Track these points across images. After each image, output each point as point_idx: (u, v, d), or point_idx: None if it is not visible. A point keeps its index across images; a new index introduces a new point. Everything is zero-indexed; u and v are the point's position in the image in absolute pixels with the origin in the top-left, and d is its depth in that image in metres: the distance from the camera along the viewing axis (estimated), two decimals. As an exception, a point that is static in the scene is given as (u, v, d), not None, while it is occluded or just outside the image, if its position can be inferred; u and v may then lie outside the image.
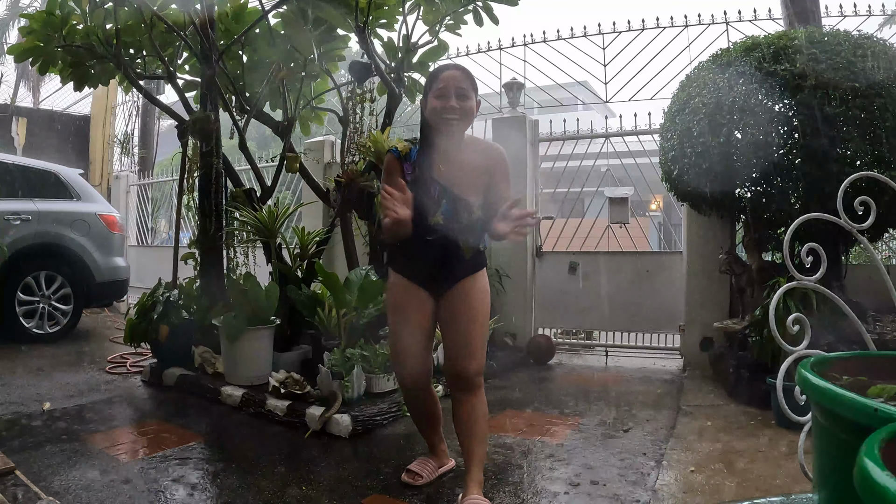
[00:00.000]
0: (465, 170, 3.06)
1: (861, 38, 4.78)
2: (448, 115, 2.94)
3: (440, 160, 3.06)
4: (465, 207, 3.04)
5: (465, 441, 3.07)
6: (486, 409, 3.11)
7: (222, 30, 6.04)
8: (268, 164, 8.32)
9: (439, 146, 3.06)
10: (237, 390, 4.79)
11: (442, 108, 2.94)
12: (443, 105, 2.94)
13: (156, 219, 12.55)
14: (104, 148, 13.28)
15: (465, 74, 3.01)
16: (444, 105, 2.94)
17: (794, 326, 1.69)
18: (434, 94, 2.99)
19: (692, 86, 5.17)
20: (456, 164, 3.05)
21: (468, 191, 3.05)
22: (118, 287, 8.34)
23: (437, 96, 2.97)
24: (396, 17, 5.83)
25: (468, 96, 2.99)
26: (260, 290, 5.07)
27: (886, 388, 0.91)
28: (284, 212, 5.59)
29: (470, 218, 3.05)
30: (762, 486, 3.26)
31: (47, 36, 5.87)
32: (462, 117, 2.98)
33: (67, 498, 3.04)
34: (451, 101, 2.94)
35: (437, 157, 3.06)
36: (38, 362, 6.25)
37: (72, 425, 4.26)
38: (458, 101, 2.95)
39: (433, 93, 3.00)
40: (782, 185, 4.71)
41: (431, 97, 3.01)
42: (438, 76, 3.01)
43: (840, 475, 0.72)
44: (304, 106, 6.36)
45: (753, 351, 4.76)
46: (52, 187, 7.89)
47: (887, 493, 0.46)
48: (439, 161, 3.06)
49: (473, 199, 3.06)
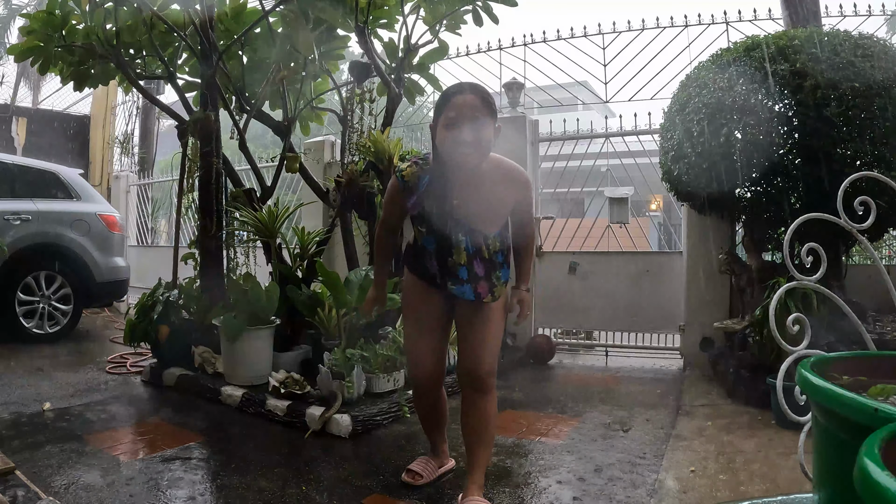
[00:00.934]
0: (484, 199, 2.78)
1: (861, 38, 4.78)
2: (461, 150, 2.63)
3: (454, 189, 2.77)
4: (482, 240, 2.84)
5: (470, 443, 3.00)
6: (495, 413, 3.03)
7: (222, 30, 6.04)
8: (268, 165, 8.32)
9: (453, 177, 2.77)
10: (237, 390, 4.79)
11: (454, 142, 2.63)
12: (454, 138, 2.62)
13: (156, 219, 12.54)
14: (104, 148, 13.27)
15: (482, 101, 2.66)
16: (455, 138, 2.62)
17: (794, 326, 1.69)
18: (445, 123, 2.66)
19: (692, 86, 5.17)
20: (473, 193, 2.77)
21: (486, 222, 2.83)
22: (118, 287, 8.33)
23: (447, 125, 2.65)
24: (396, 18, 5.83)
25: (485, 126, 2.64)
26: (260, 290, 5.07)
27: (886, 387, 0.91)
28: (284, 212, 5.59)
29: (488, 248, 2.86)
30: (762, 486, 3.26)
31: (47, 36, 5.87)
32: (477, 151, 2.65)
33: (67, 498, 3.05)
34: (464, 133, 2.61)
35: (450, 188, 2.77)
36: (38, 362, 6.25)
37: (72, 425, 4.26)
38: (473, 134, 2.61)
39: (444, 120, 2.67)
40: (782, 185, 4.70)
41: (442, 125, 2.68)
42: (449, 101, 2.67)
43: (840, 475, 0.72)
44: (305, 106, 6.36)
45: (753, 351, 4.76)
46: (52, 187, 7.89)
47: (887, 493, 0.46)
48: (454, 191, 2.77)
49: (491, 231, 2.85)
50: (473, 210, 2.79)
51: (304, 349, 5.36)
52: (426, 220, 2.86)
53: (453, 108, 2.64)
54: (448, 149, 2.67)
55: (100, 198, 8.63)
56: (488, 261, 2.87)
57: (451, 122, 2.63)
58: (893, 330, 4.55)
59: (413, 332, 3.13)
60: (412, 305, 3.11)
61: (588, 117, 7.42)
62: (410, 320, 3.14)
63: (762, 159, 4.60)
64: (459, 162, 2.68)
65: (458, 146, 2.63)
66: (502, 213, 2.87)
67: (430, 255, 2.92)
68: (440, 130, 2.70)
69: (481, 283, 2.87)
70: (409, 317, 3.15)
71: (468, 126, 2.61)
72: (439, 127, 2.70)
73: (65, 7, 5.73)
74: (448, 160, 2.72)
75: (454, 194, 2.77)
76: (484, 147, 2.66)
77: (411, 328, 3.14)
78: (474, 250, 2.84)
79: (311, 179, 6.32)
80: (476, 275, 2.86)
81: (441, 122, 2.69)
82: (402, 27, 5.79)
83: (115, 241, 8.22)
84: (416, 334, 3.11)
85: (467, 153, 2.64)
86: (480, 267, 2.86)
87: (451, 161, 2.71)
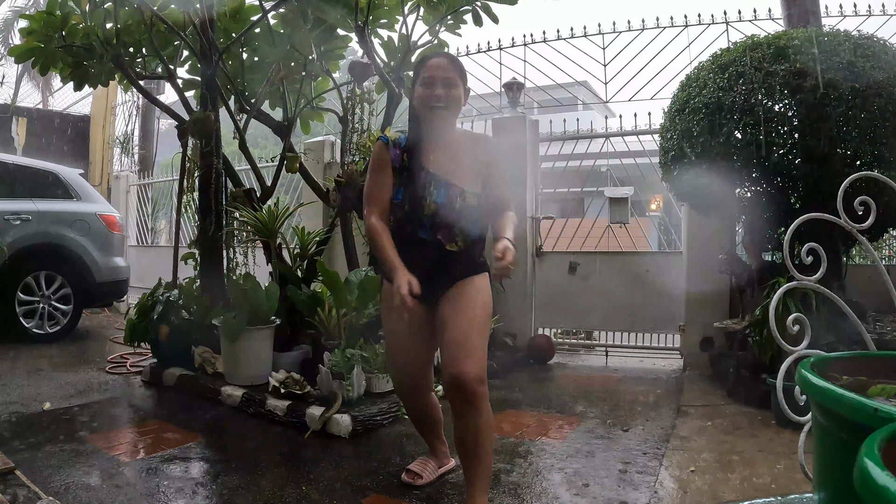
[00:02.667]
0: (456, 158, 2.99)
1: (861, 38, 4.78)
2: (434, 104, 2.89)
3: (429, 149, 2.99)
4: (457, 194, 2.92)
5: (465, 462, 2.82)
6: (490, 425, 2.83)
7: (222, 29, 6.04)
8: (268, 165, 8.32)
9: (428, 135, 3.00)
10: (237, 390, 4.78)
11: (428, 96, 2.90)
12: (428, 94, 2.90)
13: (156, 219, 12.55)
14: (104, 148, 13.28)
15: (452, 62, 2.98)
16: (429, 94, 2.89)
17: (794, 326, 1.69)
18: (421, 83, 2.94)
19: (692, 86, 5.17)
20: (445, 153, 2.99)
21: (460, 178, 2.95)
22: (118, 287, 8.34)
23: (423, 84, 2.93)
24: (396, 18, 5.83)
25: (455, 84, 2.93)
26: (260, 290, 5.07)
27: (886, 387, 0.91)
28: (284, 212, 5.59)
29: (464, 204, 2.92)
30: (762, 486, 3.26)
31: (47, 36, 5.87)
32: (448, 106, 2.92)
33: (67, 498, 3.05)
34: (437, 89, 2.88)
35: (425, 145, 3.00)
36: (38, 362, 6.25)
37: (72, 425, 4.26)
38: (444, 90, 2.89)
39: (420, 81, 2.95)
40: (782, 185, 4.71)
41: (418, 86, 2.96)
42: (425, 64, 2.97)
43: (840, 475, 0.72)
44: (305, 106, 6.36)
45: (753, 351, 4.76)
46: (52, 187, 7.89)
47: (887, 493, 0.46)
48: (429, 149, 2.99)
49: (466, 186, 2.95)
50: (446, 163, 2.98)
51: (304, 349, 5.36)
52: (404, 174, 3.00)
53: (428, 69, 2.93)
54: (424, 105, 2.93)
55: (100, 198, 8.63)
56: (457, 212, 2.91)
57: (426, 81, 2.91)
58: (893, 330, 4.55)
59: (394, 341, 3.12)
60: (392, 314, 2.96)
61: (588, 117, 7.43)
62: (390, 329, 3.13)
63: (762, 159, 4.60)
64: (433, 117, 2.93)
65: (432, 100, 2.89)
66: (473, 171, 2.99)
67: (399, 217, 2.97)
68: (416, 90, 2.97)
69: (444, 231, 2.93)
70: (389, 326, 3.13)
71: (440, 83, 2.89)
72: (416, 87, 2.98)
73: (65, 8, 5.74)
74: (423, 117, 2.97)
75: (429, 148, 3.00)
76: (455, 102, 2.94)
77: (392, 337, 3.13)
78: (445, 201, 2.91)
79: (311, 179, 6.32)
80: (442, 223, 2.92)
81: (418, 82, 2.96)
82: (401, 27, 5.79)
83: (115, 241, 8.22)
84: (396, 344, 3.10)
85: (440, 106, 2.89)
86: (448, 216, 2.91)
87: (425, 118, 2.96)
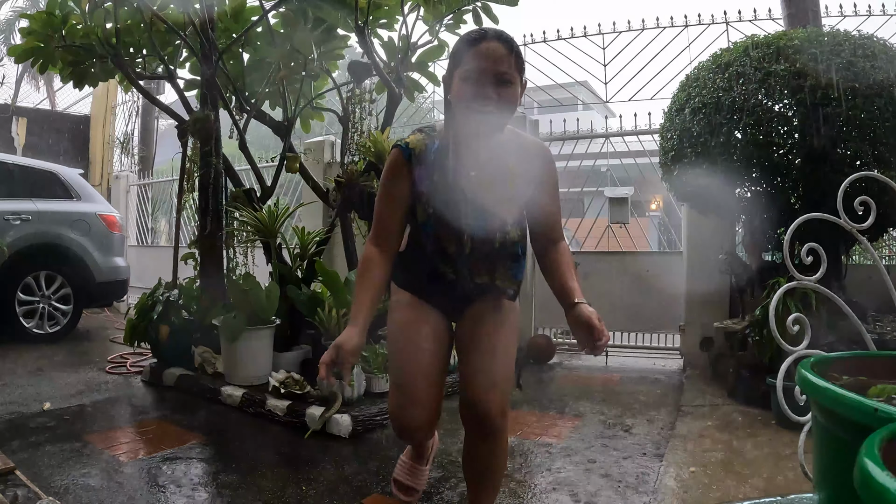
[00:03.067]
0: (502, 176, 2.28)
1: (861, 38, 4.78)
2: (481, 108, 2.12)
3: (468, 163, 2.24)
4: (498, 227, 2.29)
5: (473, 488, 2.45)
6: (505, 455, 2.44)
7: (222, 29, 6.04)
8: (268, 165, 8.32)
9: (467, 145, 2.25)
10: (237, 390, 4.78)
11: (473, 95, 2.11)
12: (475, 92, 2.11)
13: (156, 219, 12.55)
14: (104, 148, 13.29)
15: (509, 48, 2.14)
16: (476, 92, 2.11)
17: (793, 326, 1.69)
18: (462, 75, 2.15)
19: (692, 86, 5.17)
20: (489, 169, 2.25)
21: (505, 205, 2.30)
22: (118, 287, 8.34)
23: (466, 78, 2.13)
24: (396, 18, 5.83)
25: (511, 81, 2.14)
26: (260, 291, 5.06)
27: (886, 387, 0.91)
28: (284, 212, 5.59)
29: (506, 239, 2.31)
30: (762, 486, 3.25)
31: (47, 36, 5.87)
32: (501, 110, 2.15)
33: (67, 498, 3.04)
34: (487, 87, 2.11)
35: (463, 159, 2.24)
36: (38, 362, 6.25)
37: (72, 425, 4.26)
38: (496, 89, 2.12)
39: (462, 73, 2.15)
40: (782, 185, 4.71)
41: (459, 78, 2.17)
42: (472, 48, 2.14)
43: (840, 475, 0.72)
44: (305, 106, 6.36)
45: (753, 351, 4.76)
46: (52, 187, 7.89)
47: (887, 493, 0.46)
48: (467, 164, 2.24)
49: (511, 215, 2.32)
50: (490, 187, 2.25)
51: (304, 349, 5.36)
52: (430, 197, 2.27)
53: (475, 56, 2.13)
54: (467, 106, 2.15)
55: (100, 198, 8.64)
56: (499, 250, 2.31)
57: (472, 75, 2.13)
58: (894, 330, 4.55)
59: (401, 364, 2.40)
60: (400, 331, 2.41)
61: (588, 117, 7.43)
62: (398, 350, 2.42)
63: (762, 159, 4.60)
64: (479, 122, 2.17)
65: (480, 101, 2.11)
66: (523, 192, 2.30)
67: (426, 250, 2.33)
68: (457, 82, 2.18)
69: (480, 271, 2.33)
70: (396, 345, 2.43)
71: (492, 79, 2.11)
72: (455, 79, 2.19)
73: (64, 7, 5.74)
74: (464, 121, 2.21)
75: (470, 164, 2.24)
76: (509, 104, 2.16)
77: (399, 360, 2.41)
78: (485, 235, 2.27)
79: (311, 179, 6.32)
80: (478, 264, 2.32)
81: (458, 74, 2.18)
82: (401, 27, 5.79)
83: (115, 241, 8.23)
84: (404, 368, 2.37)
85: (490, 111, 2.12)
86: (487, 256, 2.31)
87: (467, 122, 2.20)
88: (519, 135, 2.38)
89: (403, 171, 2.26)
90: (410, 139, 2.30)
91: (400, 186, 2.26)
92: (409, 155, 2.26)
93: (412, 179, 2.26)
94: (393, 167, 2.28)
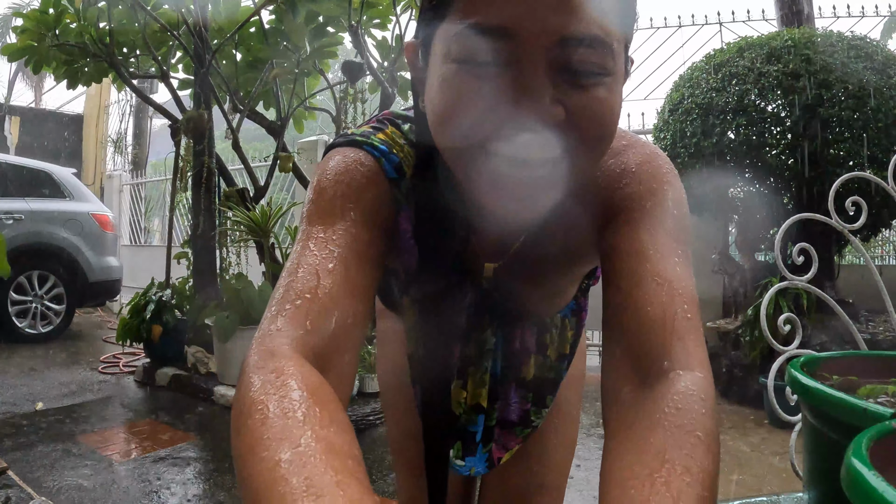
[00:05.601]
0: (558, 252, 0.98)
1: (854, 38, 4.80)
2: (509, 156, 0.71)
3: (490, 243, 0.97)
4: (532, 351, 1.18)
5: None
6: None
7: (215, 28, 6.03)
8: (261, 164, 8.31)
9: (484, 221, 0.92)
10: (230, 390, 4.77)
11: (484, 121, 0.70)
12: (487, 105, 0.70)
13: (149, 218, 12.52)
14: (97, 147, 13.26)
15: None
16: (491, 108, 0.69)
17: (785, 326, 1.69)
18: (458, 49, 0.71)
19: (685, 86, 5.19)
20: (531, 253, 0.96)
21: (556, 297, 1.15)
22: (111, 287, 8.32)
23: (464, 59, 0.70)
24: (390, 18, 5.83)
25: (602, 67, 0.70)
26: (253, 290, 5.06)
27: (876, 387, 0.91)
28: (277, 211, 5.58)
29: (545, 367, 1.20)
30: (754, 485, 3.27)
31: (41, 35, 5.85)
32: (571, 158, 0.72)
33: (60, 498, 3.04)
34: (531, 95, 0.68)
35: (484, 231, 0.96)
36: (31, 362, 6.23)
37: (64, 425, 4.25)
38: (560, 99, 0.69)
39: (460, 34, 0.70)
40: (775, 185, 4.72)
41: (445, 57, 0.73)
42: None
43: (829, 474, 0.73)
44: (298, 105, 6.36)
45: (746, 350, 4.78)
46: (45, 186, 7.86)
47: (874, 493, 0.47)
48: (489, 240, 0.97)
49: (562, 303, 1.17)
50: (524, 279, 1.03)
51: (297, 349, 5.35)
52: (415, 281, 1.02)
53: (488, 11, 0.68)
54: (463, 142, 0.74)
55: (93, 197, 8.61)
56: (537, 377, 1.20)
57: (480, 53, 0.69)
58: (886, 330, 4.56)
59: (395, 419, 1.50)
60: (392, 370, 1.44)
61: (581, 117, 7.43)
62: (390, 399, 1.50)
63: (755, 160, 4.62)
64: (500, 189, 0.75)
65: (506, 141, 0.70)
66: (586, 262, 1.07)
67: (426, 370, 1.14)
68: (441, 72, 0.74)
69: (508, 436, 1.24)
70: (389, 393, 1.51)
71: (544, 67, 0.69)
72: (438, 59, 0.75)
73: (58, 6, 5.72)
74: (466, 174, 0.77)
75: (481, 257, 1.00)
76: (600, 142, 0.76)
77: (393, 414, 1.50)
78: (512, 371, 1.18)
79: (304, 179, 6.31)
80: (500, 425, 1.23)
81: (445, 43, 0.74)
82: (394, 26, 5.78)
83: (108, 241, 8.20)
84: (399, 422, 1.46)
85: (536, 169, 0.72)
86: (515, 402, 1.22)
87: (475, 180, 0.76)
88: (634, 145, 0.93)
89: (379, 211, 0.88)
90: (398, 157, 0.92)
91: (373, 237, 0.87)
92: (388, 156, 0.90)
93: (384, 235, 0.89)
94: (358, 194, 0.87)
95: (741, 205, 5.06)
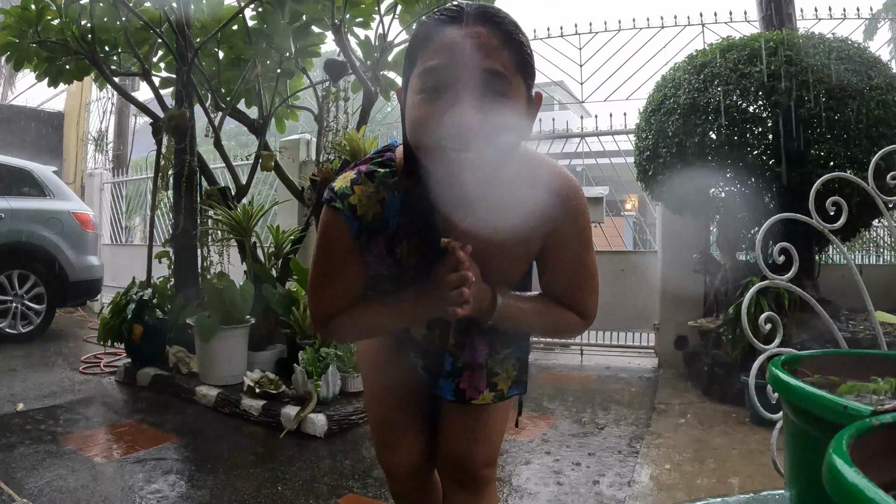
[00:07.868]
0: (504, 234, 1.41)
1: (836, 40, 4.85)
2: (455, 148, 1.22)
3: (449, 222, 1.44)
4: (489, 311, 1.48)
5: None
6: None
7: (198, 26, 6.00)
8: (243, 163, 8.28)
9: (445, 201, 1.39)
10: (212, 390, 4.76)
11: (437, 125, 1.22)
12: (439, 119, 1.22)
13: (130, 217, 12.44)
14: (78, 145, 13.15)
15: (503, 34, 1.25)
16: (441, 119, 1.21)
17: (765, 325, 1.70)
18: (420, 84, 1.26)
19: (668, 86, 5.21)
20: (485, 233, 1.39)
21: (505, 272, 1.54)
22: (92, 286, 8.25)
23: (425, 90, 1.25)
24: (373, 17, 5.82)
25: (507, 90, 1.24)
26: (234, 289, 5.04)
27: (856, 385, 0.92)
28: (259, 210, 5.56)
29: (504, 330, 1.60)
30: (736, 483, 3.29)
31: (21, 31, 5.81)
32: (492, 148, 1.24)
33: (42, 500, 3.02)
34: (463, 107, 1.20)
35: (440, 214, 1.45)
36: (11, 363, 6.17)
37: (45, 426, 4.22)
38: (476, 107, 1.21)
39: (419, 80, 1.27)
40: (756, 185, 4.75)
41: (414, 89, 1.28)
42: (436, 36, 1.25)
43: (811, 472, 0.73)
44: (280, 104, 6.34)
45: (727, 349, 4.81)
46: (25, 185, 7.79)
47: (854, 489, 0.47)
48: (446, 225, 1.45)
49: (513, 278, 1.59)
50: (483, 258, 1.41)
51: (279, 348, 5.33)
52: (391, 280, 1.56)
53: (440, 51, 1.23)
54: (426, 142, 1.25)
55: (73, 195, 8.54)
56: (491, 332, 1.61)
57: (431, 83, 1.24)
58: (866, 328, 4.60)
59: (376, 401, 1.90)
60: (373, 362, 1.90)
61: (564, 117, 7.47)
62: (371, 385, 1.92)
63: (736, 160, 4.65)
64: (451, 168, 1.25)
65: (449, 136, 1.21)
66: (529, 254, 1.54)
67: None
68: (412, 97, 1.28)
69: (473, 373, 1.66)
70: (370, 380, 1.92)
71: (470, 89, 1.21)
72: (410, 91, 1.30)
73: (39, 2, 5.68)
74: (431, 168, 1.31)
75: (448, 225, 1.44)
76: (506, 138, 1.26)
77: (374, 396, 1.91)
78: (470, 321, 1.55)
79: (286, 178, 6.30)
80: (467, 361, 1.65)
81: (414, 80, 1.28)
82: (378, 25, 5.78)
83: (89, 240, 8.14)
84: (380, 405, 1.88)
85: (467, 152, 1.21)
86: (478, 346, 1.64)
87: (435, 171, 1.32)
88: (537, 161, 1.47)
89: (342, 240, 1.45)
90: (353, 195, 1.42)
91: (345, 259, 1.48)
92: (348, 216, 1.42)
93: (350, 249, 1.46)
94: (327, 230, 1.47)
95: (722, 205, 5.10)
